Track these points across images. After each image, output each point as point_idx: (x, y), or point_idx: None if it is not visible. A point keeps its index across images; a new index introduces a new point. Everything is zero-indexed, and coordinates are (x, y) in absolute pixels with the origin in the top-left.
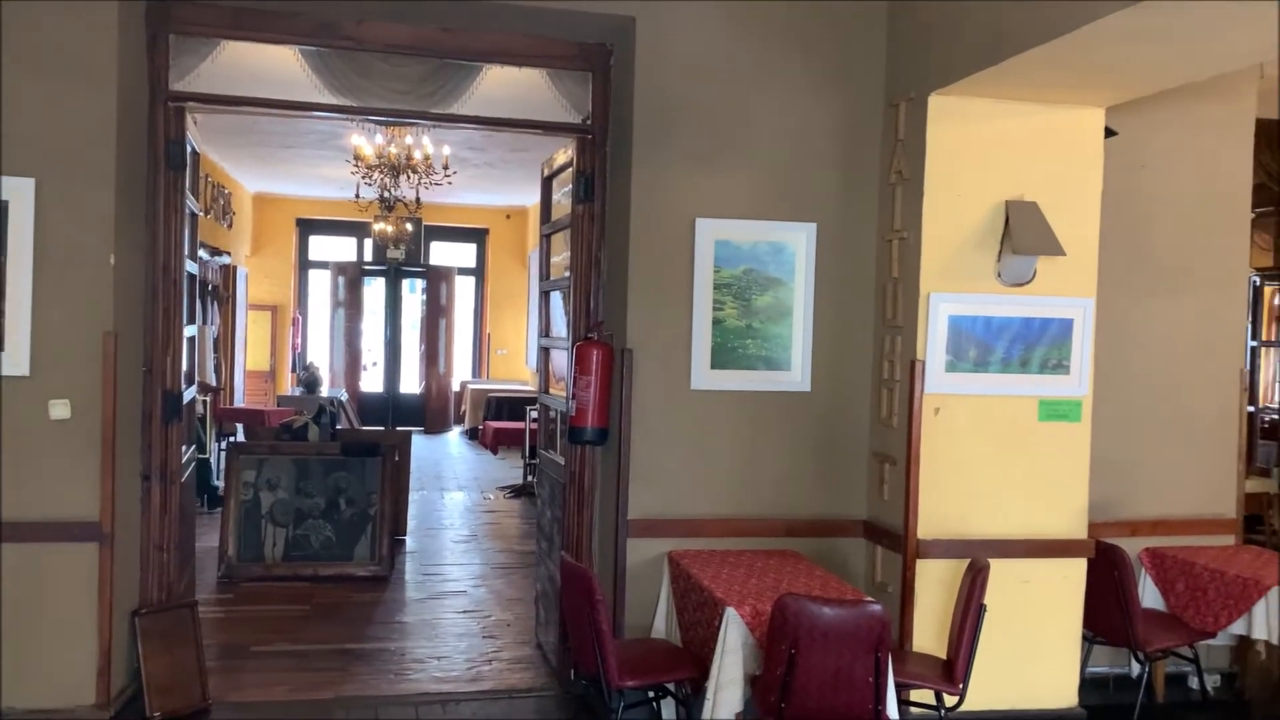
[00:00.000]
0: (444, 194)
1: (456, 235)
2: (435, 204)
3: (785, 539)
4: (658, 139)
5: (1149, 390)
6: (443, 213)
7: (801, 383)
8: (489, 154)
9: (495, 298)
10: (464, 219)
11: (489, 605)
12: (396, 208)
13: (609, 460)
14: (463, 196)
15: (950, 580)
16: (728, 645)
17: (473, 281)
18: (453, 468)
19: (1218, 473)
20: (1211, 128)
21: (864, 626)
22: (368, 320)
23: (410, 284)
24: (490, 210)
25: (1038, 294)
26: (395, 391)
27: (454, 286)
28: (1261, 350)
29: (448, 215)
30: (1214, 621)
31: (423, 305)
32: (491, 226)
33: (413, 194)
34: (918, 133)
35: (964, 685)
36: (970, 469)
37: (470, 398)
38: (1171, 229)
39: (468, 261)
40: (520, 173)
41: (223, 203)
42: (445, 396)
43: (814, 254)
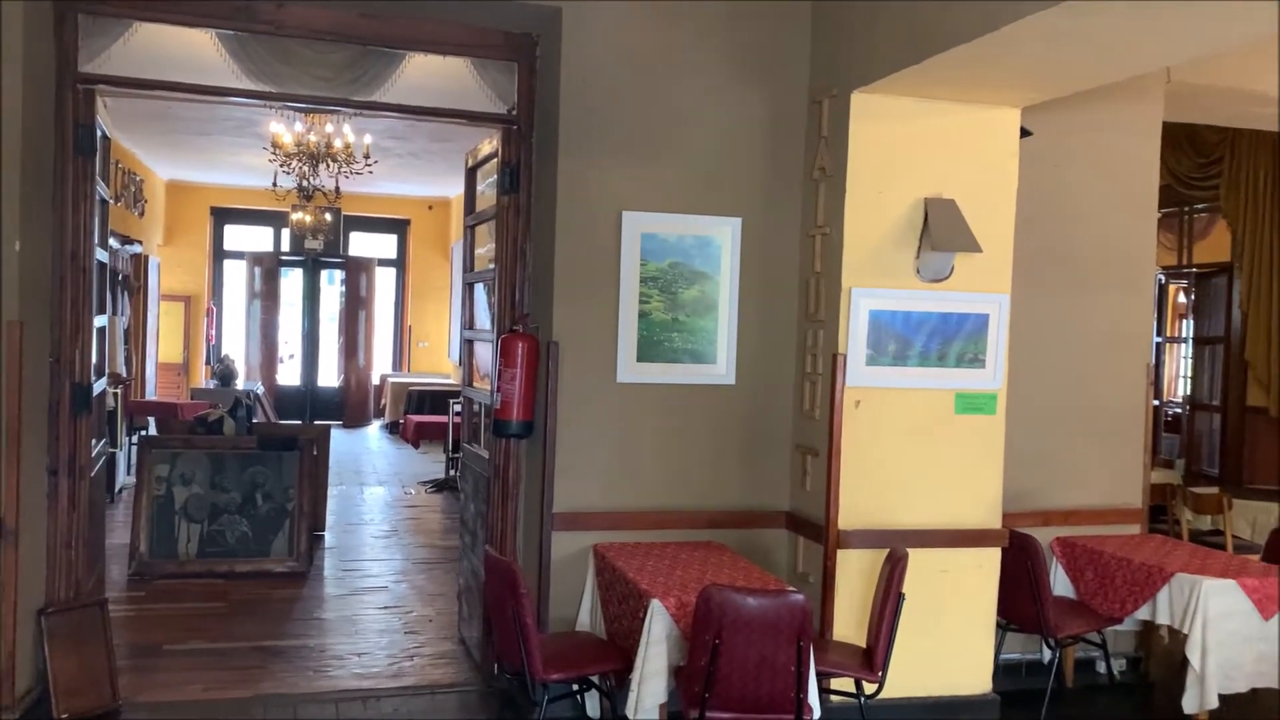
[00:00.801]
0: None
1: (377, 226)
2: (355, 194)
3: (710, 531)
4: (584, 131)
5: (1061, 384)
6: (363, 203)
7: (726, 376)
8: (411, 143)
9: (417, 290)
10: (385, 209)
11: (410, 601)
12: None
13: (534, 453)
14: (384, 186)
15: (870, 570)
16: (652, 637)
17: (393, 273)
18: (373, 462)
19: (1125, 464)
20: (1121, 130)
21: (786, 616)
22: (285, 312)
23: (329, 275)
24: (412, 201)
25: (955, 289)
26: (313, 385)
27: (374, 278)
28: (1166, 346)
29: (368, 205)
30: (1121, 608)
31: (342, 297)
32: (413, 217)
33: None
34: (840, 130)
35: (883, 673)
36: (889, 461)
37: (391, 391)
38: (1083, 228)
39: (388, 253)
40: (443, 163)
41: (134, 190)
42: (365, 390)
43: (739, 248)
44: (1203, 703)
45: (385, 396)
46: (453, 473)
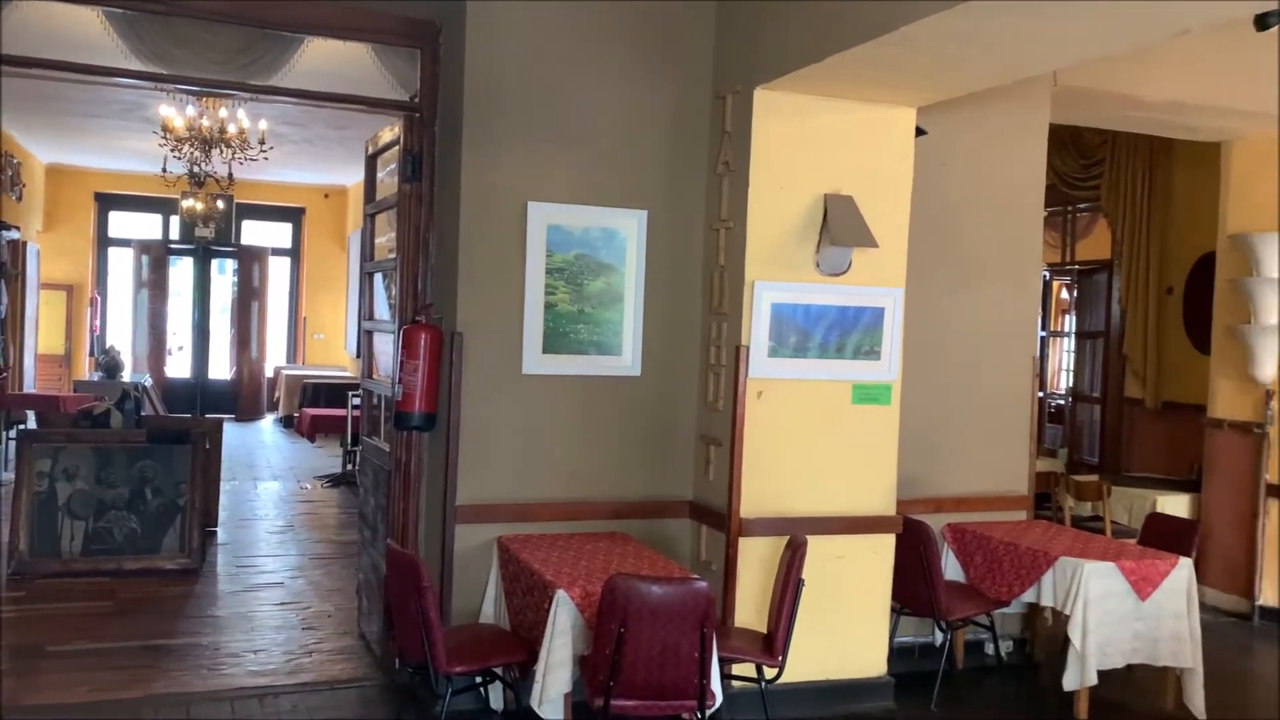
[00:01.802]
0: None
1: (271, 214)
2: (249, 181)
3: (614, 521)
4: (489, 120)
5: (951, 376)
6: (257, 190)
7: (632, 367)
8: (308, 130)
9: (312, 280)
10: (279, 197)
11: (308, 596)
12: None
13: (437, 446)
14: (279, 174)
15: (770, 557)
16: (557, 627)
17: (288, 263)
18: (267, 456)
19: (1012, 453)
20: (1010, 131)
21: (690, 604)
22: (174, 302)
23: (220, 264)
24: (308, 189)
25: (853, 283)
26: (204, 377)
27: (268, 268)
28: (1050, 340)
29: (262, 193)
30: (1008, 591)
31: (234, 287)
32: (309, 206)
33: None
34: (743, 125)
35: (783, 657)
36: (790, 450)
37: (285, 384)
38: (973, 225)
39: (283, 242)
40: (341, 151)
41: (11, 173)
42: (258, 383)
43: (645, 241)
44: (1083, 680)
45: (279, 389)
46: (351, 467)
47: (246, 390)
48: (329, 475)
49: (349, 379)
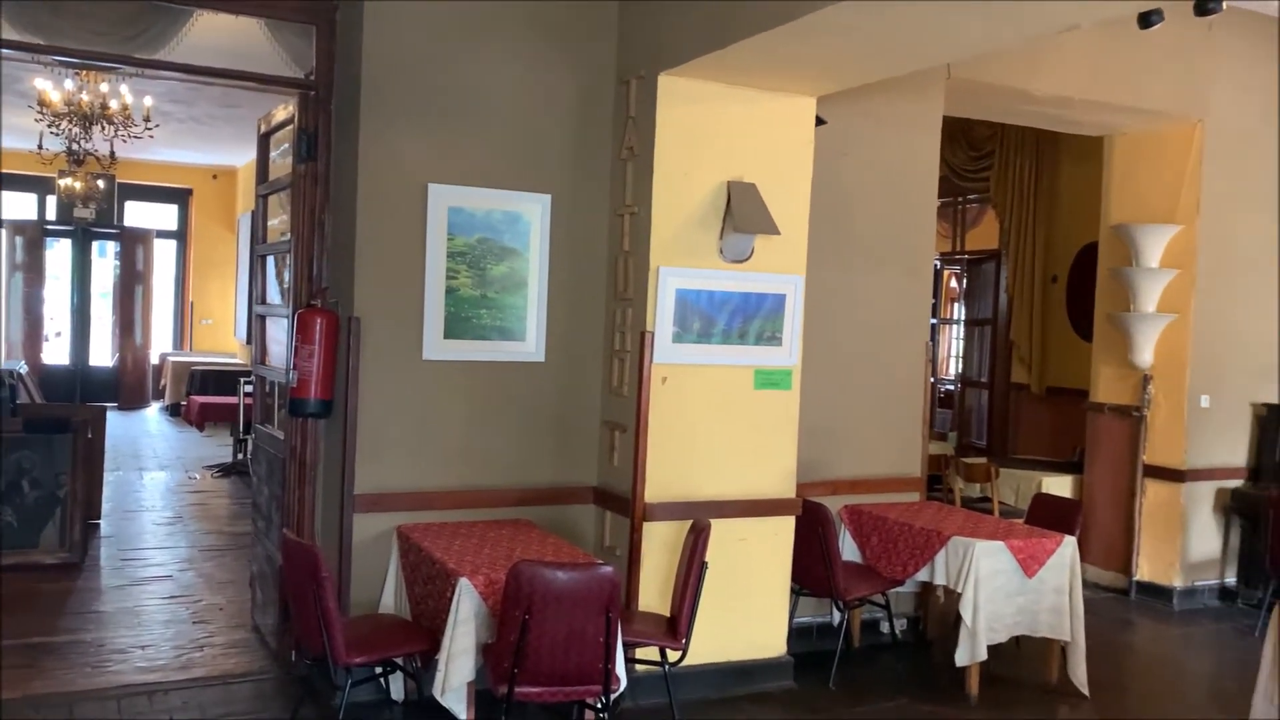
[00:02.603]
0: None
1: (156, 195)
2: (133, 160)
3: (518, 508)
4: (388, 100)
5: (849, 361)
6: (141, 170)
7: (536, 353)
8: (195, 108)
9: (200, 264)
10: (165, 178)
11: (198, 589)
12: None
13: (334, 433)
14: (164, 153)
15: (674, 541)
16: (460, 615)
17: (174, 245)
18: (153, 446)
19: (906, 437)
20: (906, 122)
21: (596, 589)
22: (51, 286)
23: (101, 247)
24: (195, 169)
25: (755, 270)
26: (84, 364)
27: (152, 251)
28: (940, 327)
29: (147, 173)
30: (903, 570)
31: (116, 270)
32: (196, 187)
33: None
34: (648, 111)
35: (686, 640)
36: (694, 435)
37: (171, 371)
38: (870, 214)
39: (169, 224)
40: (230, 130)
41: None
42: (143, 370)
43: (549, 225)
44: (973, 655)
45: (165, 377)
46: (242, 456)
47: (130, 378)
48: (219, 465)
49: (239, 365)
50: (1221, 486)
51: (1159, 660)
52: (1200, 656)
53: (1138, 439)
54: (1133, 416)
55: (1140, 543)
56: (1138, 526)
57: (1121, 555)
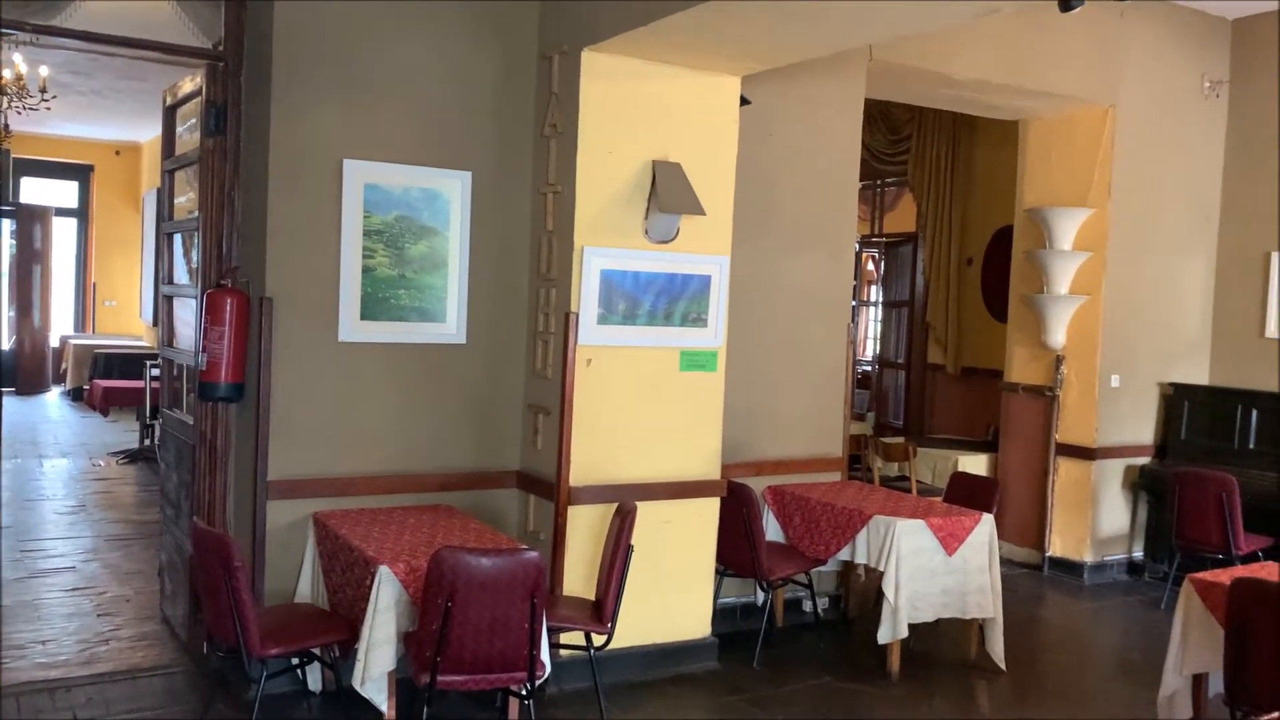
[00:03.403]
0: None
1: (55, 171)
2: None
3: (439, 494)
4: (301, 72)
5: (772, 343)
6: (38, 144)
7: (456, 335)
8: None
9: (103, 243)
10: (64, 153)
11: (103, 581)
12: None
13: (246, 418)
14: (63, 127)
15: (599, 524)
16: (380, 604)
17: (75, 224)
18: (54, 432)
19: (828, 417)
20: (829, 103)
21: (520, 575)
22: None
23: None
24: (97, 145)
25: (681, 251)
26: None
27: (51, 229)
28: (858, 309)
29: (44, 148)
30: (825, 550)
31: (12, 249)
32: (98, 163)
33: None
34: (571, 87)
35: (612, 624)
36: (619, 418)
37: (73, 354)
38: (793, 195)
39: (69, 201)
40: (133, 104)
41: None
42: (42, 353)
43: (469, 203)
44: (895, 633)
45: (66, 360)
46: (149, 441)
47: (28, 362)
48: (125, 451)
49: (145, 348)
50: (1130, 464)
51: (1071, 634)
52: (1110, 629)
53: (1050, 418)
54: (1046, 396)
55: (1053, 519)
56: (1050, 503)
57: (1035, 532)
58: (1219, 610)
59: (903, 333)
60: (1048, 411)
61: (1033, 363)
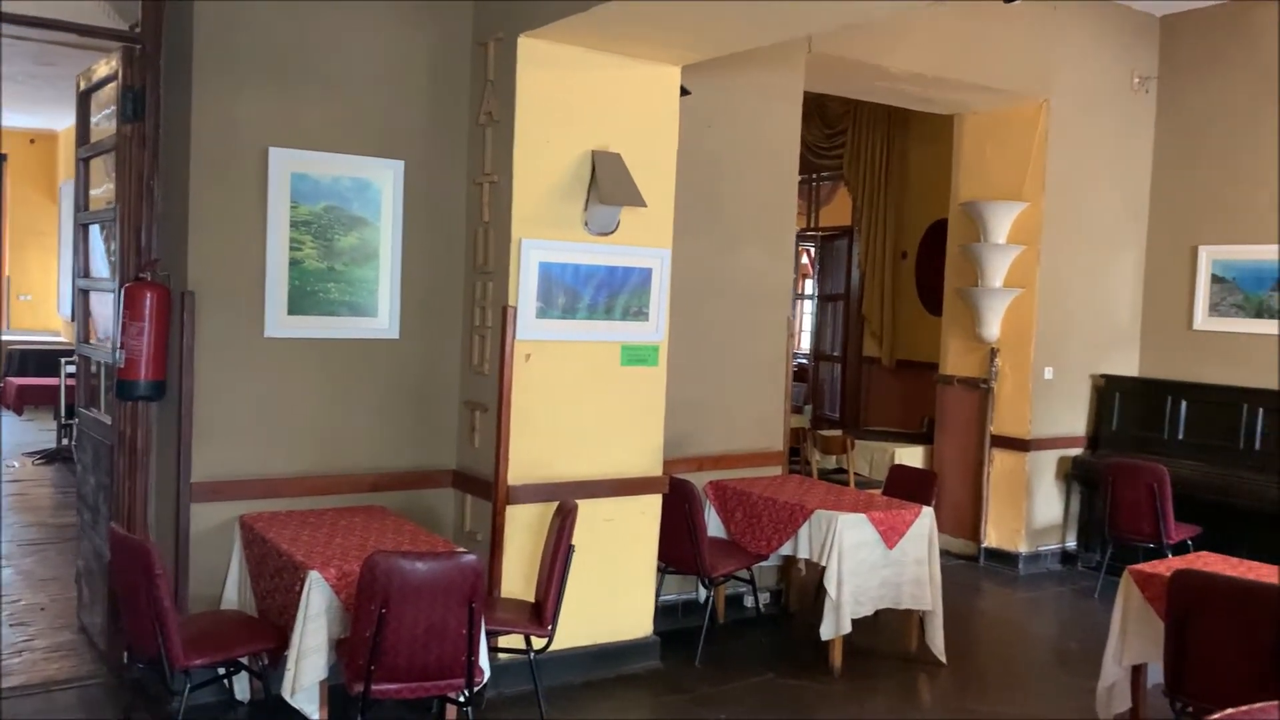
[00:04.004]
0: None
1: None
2: None
3: (371, 494)
4: (224, 56)
5: (713, 336)
6: None
7: (389, 330)
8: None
9: (17, 235)
10: None
11: (17, 588)
12: None
13: (168, 417)
14: None
15: (538, 524)
16: (311, 610)
17: None
18: None
19: (768, 411)
20: (768, 95)
21: (458, 579)
22: None
23: None
24: (10, 133)
25: (621, 243)
26: None
27: None
28: (794, 302)
29: None
30: (767, 545)
31: None
32: (11, 152)
33: None
34: (508, 74)
35: (553, 626)
36: (558, 414)
37: None
38: (734, 187)
39: None
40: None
41: None
42: None
43: (401, 193)
44: (838, 629)
45: None
46: (67, 441)
47: None
48: (41, 451)
49: (63, 344)
50: (1063, 455)
51: (1009, 625)
52: (1046, 619)
53: (985, 410)
54: (980, 388)
55: (988, 510)
56: (986, 495)
57: (970, 523)
58: (1158, 602)
59: (838, 326)
60: (982, 404)
61: (967, 355)
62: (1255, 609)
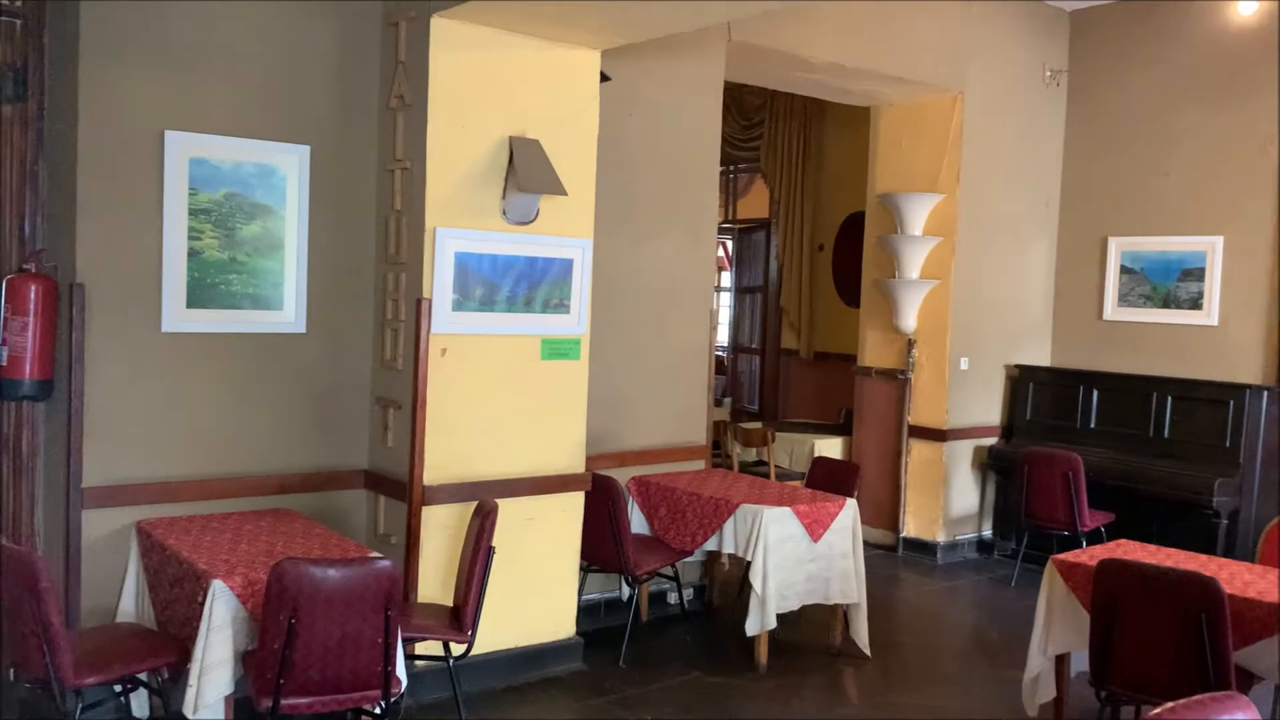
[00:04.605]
0: None
1: None
2: None
3: (279, 497)
4: (115, 32)
5: (634, 329)
6: None
7: (296, 324)
8: None
9: None
10: None
11: None
12: None
13: (56, 418)
14: None
15: (456, 525)
16: (214, 622)
17: None
18: None
19: (691, 404)
20: (689, 84)
21: (373, 586)
22: None
23: None
24: None
25: (541, 233)
26: None
27: None
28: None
29: None
30: (692, 540)
31: None
32: None
33: None
34: (420, 56)
35: (473, 631)
36: (476, 411)
37: None
38: (655, 177)
39: None
40: None
41: None
42: None
43: (308, 180)
44: (763, 624)
45: None
46: None
47: None
48: None
49: None
50: (979, 444)
51: (930, 615)
52: (966, 608)
53: (903, 401)
54: (898, 380)
55: (906, 500)
56: (904, 485)
57: (889, 513)
58: (1082, 591)
59: (756, 318)
60: (900, 395)
61: (885, 347)
62: (1180, 597)
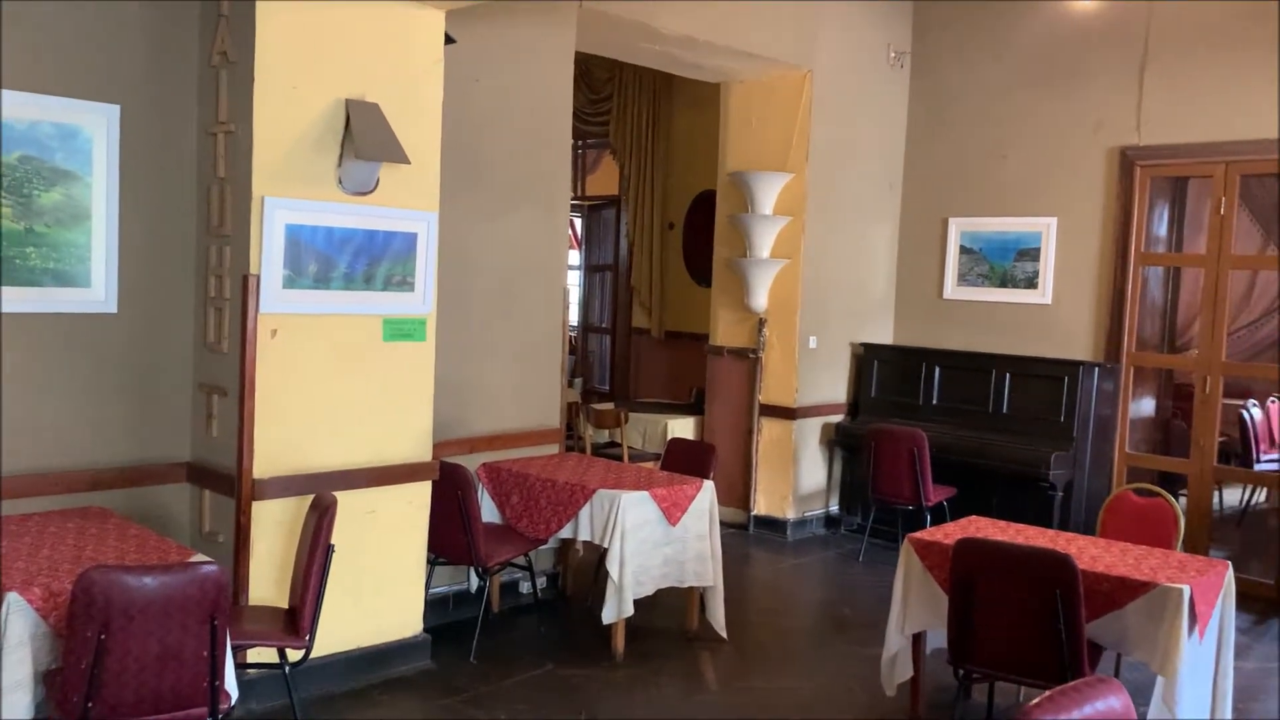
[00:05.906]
0: None
1: None
2: None
3: (90, 494)
4: None
5: (483, 308)
6: None
7: (105, 303)
8: None
9: None
10: None
11: None
12: None
13: None
14: None
15: (291, 520)
16: (10, 640)
17: None
18: None
19: (543, 386)
20: (539, 50)
21: (196, 593)
22: None
23: None
24: None
25: (382, 204)
26: None
27: None
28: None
29: None
30: (546, 529)
31: None
32: None
33: None
34: (245, 8)
35: (311, 634)
36: (312, 397)
37: None
38: (504, 148)
39: None
40: None
41: None
42: None
43: (118, 143)
44: (620, 611)
45: None
46: None
47: None
48: None
49: None
50: (827, 421)
51: (783, 594)
52: (816, 586)
53: (754, 380)
54: (749, 358)
55: (757, 478)
56: (755, 463)
57: (740, 491)
58: (937, 570)
59: (607, 297)
60: (751, 373)
61: (737, 326)
62: (1036, 575)
